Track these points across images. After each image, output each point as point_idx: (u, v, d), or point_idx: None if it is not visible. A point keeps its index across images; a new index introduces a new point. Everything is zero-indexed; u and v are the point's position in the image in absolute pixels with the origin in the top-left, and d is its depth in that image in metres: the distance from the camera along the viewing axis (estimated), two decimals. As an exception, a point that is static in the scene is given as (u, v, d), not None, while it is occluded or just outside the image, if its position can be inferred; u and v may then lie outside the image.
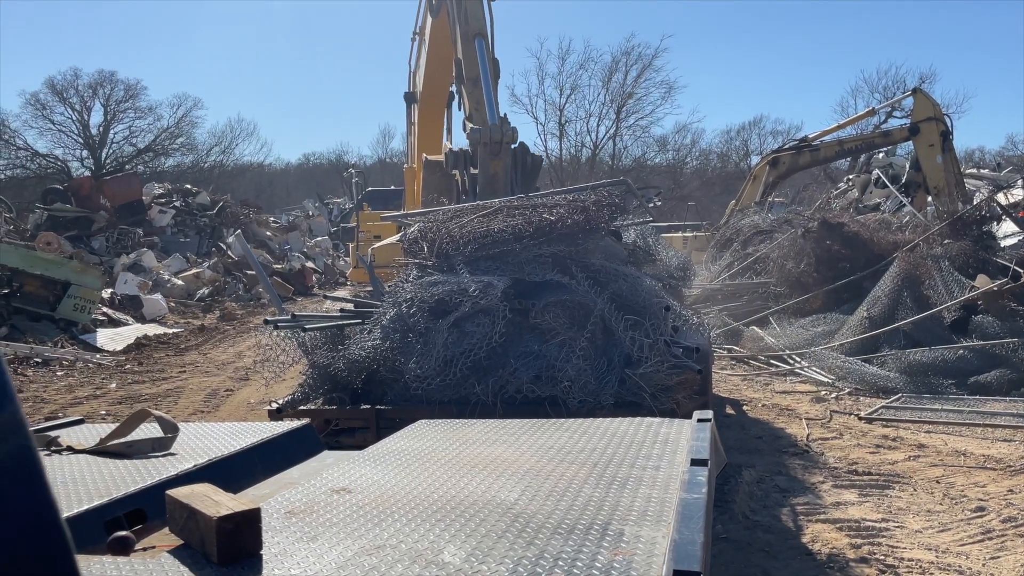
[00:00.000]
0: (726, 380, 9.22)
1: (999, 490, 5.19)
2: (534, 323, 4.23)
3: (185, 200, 25.87)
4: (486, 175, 6.71)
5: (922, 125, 14.76)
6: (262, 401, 8.04)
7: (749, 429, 6.99)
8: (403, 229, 6.85)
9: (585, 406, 3.81)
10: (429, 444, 2.49)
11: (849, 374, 8.74)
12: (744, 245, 13.92)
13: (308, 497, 1.93)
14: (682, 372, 3.99)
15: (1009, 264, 9.49)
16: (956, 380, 8.11)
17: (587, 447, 2.31)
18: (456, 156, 6.99)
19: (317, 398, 4.49)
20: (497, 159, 6.73)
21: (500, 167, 6.75)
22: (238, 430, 2.76)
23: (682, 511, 1.64)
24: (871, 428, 6.92)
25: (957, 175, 14.96)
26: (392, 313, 4.45)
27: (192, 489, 1.72)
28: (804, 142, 16.78)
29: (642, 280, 4.73)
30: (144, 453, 2.39)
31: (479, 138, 6.76)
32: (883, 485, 5.35)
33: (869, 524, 4.62)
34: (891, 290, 9.47)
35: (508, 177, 6.83)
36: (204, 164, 47.33)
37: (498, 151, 6.73)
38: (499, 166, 6.75)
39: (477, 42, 7.49)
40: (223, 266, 21.54)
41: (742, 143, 48.89)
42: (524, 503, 1.79)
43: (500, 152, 6.72)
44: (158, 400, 8.63)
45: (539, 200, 5.61)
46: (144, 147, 44.65)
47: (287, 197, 50.27)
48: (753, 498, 5.09)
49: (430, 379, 4.05)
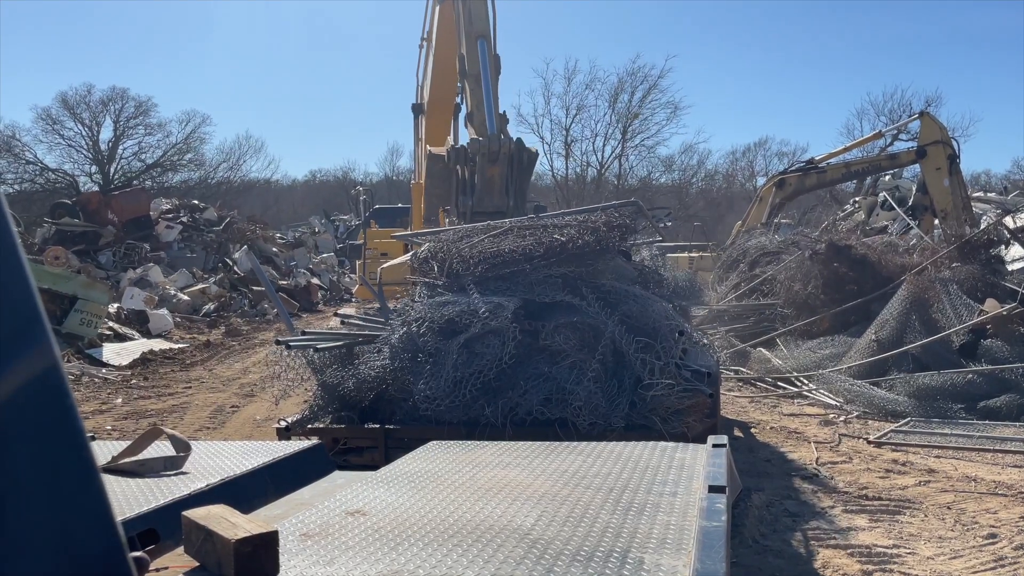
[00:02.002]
0: (733, 402, 9.17)
1: (1011, 516, 5.14)
2: (544, 344, 4.22)
3: (192, 216, 25.99)
4: (483, 178, 7.02)
5: (929, 148, 14.79)
6: (268, 418, 8.02)
7: (758, 452, 6.94)
8: (411, 248, 6.89)
9: (596, 429, 3.79)
10: (442, 466, 2.48)
11: (857, 397, 8.69)
12: (751, 266, 13.90)
13: (323, 519, 1.91)
14: (693, 395, 3.98)
15: (1018, 288, 9.45)
16: (965, 404, 8.06)
17: (602, 471, 2.29)
18: (458, 153, 7.18)
19: (325, 417, 4.48)
20: (495, 166, 7.06)
21: (497, 172, 7.10)
22: (249, 449, 2.75)
23: (702, 539, 1.62)
24: (880, 452, 6.87)
25: (964, 198, 14.97)
26: (402, 332, 4.45)
27: (209, 510, 1.70)
28: (811, 164, 16.81)
29: (652, 301, 4.72)
30: (156, 472, 2.38)
31: (479, 148, 7.05)
32: (894, 511, 5.31)
33: (880, 550, 4.57)
34: (899, 313, 9.44)
35: (504, 180, 7.15)
36: (212, 180, 47.58)
37: (496, 159, 7.04)
38: (496, 171, 7.10)
39: (479, 43, 7.80)
40: (229, 282, 21.59)
41: (748, 164, 49.04)
42: (541, 529, 1.78)
43: (497, 160, 7.03)
44: (164, 416, 8.62)
45: (549, 221, 5.62)
46: (152, 163, 44.93)
47: (293, 214, 50.46)
48: (763, 522, 5.05)
49: (439, 400, 4.03)
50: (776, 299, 12.18)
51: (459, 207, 7.08)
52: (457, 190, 7.19)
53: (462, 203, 7.03)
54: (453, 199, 7.27)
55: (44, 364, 0.76)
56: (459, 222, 7.09)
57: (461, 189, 7.19)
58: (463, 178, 7.21)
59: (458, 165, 7.16)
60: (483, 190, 7.04)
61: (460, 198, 7.08)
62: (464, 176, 7.22)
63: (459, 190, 7.19)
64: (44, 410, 0.77)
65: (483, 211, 7.04)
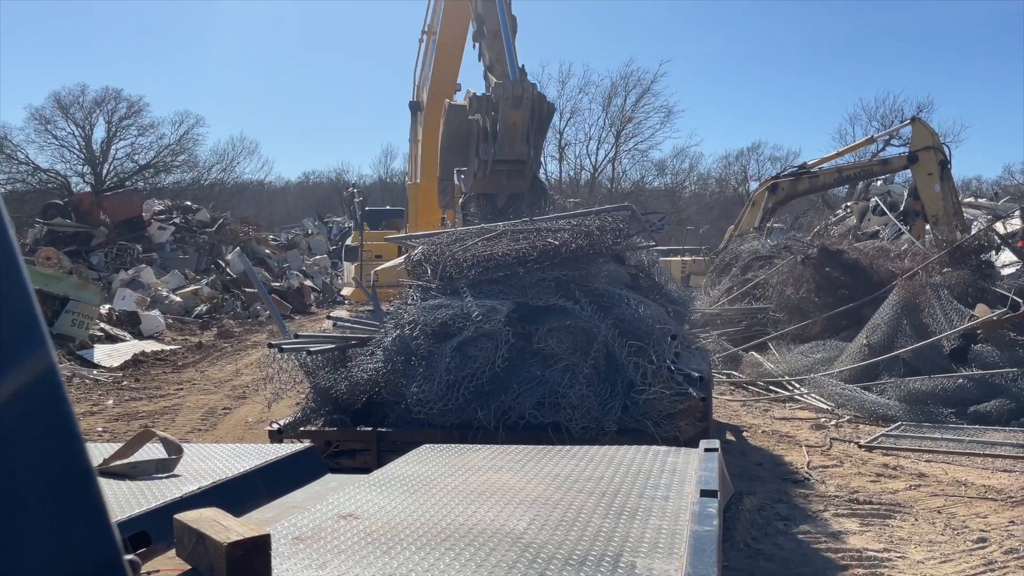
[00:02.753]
0: (725, 406, 9.20)
1: (1000, 521, 5.17)
2: (537, 348, 4.23)
3: (185, 217, 25.91)
4: (506, 124, 7.05)
5: (921, 154, 14.86)
6: (260, 420, 8.01)
7: (749, 456, 6.96)
8: (405, 250, 6.88)
9: (588, 432, 3.80)
10: (434, 469, 2.48)
11: (849, 401, 8.73)
12: (743, 270, 13.94)
13: (315, 522, 1.91)
14: (685, 399, 3.99)
15: (1008, 294, 9.51)
16: (956, 409, 8.10)
17: (594, 475, 2.30)
18: (480, 101, 7.17)
19: (318, 419, 4.47)
20: (517, 111, 7.09)
21: (520, 119, 7.13)
22: (242, 452, 2.75)
23: (694, 544, 1.63)
24: (871, 456, 6.90)
25: (955, 204, 15.04)
26: (395, 335, 4.45)
27: (201, 513, 1.70)
28: (803, 168, 16.87)
29: (645, 305, 4.73)
30: (148, 474, 2.38)
31: (502, 93, 7.06)
32: (884, 515, 5.33)
33: (871, 554, 4.59)
34: (890, 318, 9.48)
35: (525, 128, 7.21)
36: (205, 181, 47.46)
37: (519, 104, 7.07)
38: (519, 117, 7.13)
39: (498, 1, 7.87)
40: (221, 283, 21.53)
41: (740, 168, 49.22)
42: (533, 533, 1.78)
43: (521, 105, 7.07)
44: (155, 417, 8.59)
45: (543, 224, 5.63)
46: (145, 164, 44.80)
47: (286, 215, 50.38)
48: (754, 526, 5.06)
49: (432, 403, 4.03)
50: (768, 303, 12.22)
51: (480, 155, 7.06)
52: (478, 138, 7.19)
53: (484, 151, 7.03)
54: (474, 148, 7.23)
55: (42, 368, 0.76)
56: (479, 172, 7.09)
57: (483, 137, 7.19)
58: (484, 126, 7.22)
59: (480, 112, 7.18)
60: (505, 137, 7.07)
61: (482, 146, 7.09)
62: (486, 124, 7.23)
63: (480, 138, 7.19)
64: (42, 415, 0.77)
65: (504, 159, 7.09)
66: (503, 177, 7.36)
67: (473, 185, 7.48)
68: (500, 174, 7.28)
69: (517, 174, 7.37)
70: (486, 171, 7.14)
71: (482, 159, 7.07)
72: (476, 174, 7.23)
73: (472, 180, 7.40)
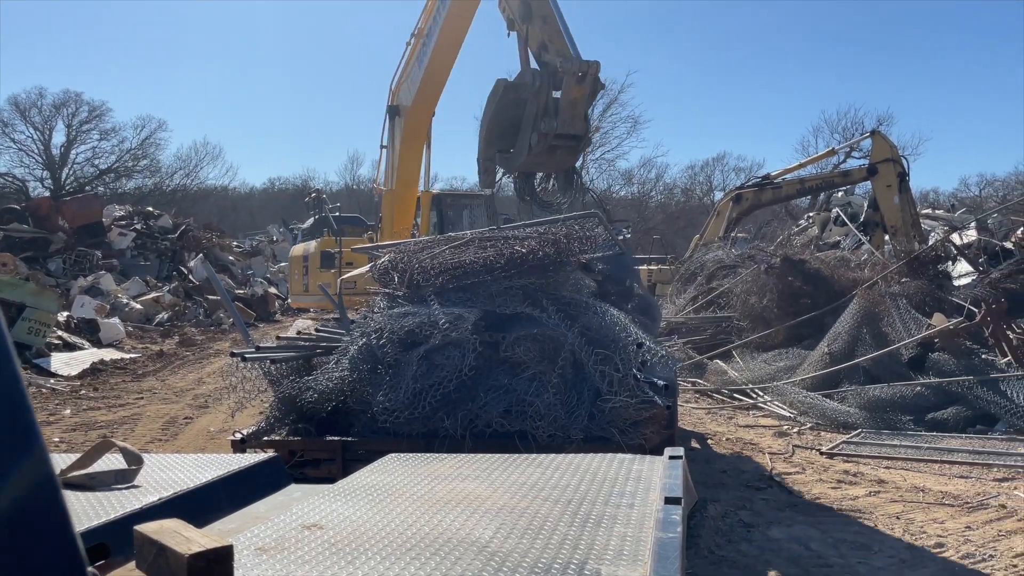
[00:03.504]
0: (691, 413, 9.28)
1: (957, 526, 5.28)
2: (504, 356, 4.23)
3: (146, 223, 25.51)
4: (568, 99, 7.12)
5: (880, 166, 15.16)
6: (223, 430, 7.90)
7: (714, 463, 7.03)
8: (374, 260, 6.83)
9: (555, 441, 3.81)
10: (400, 479, 2.46)
11: (810, 409, 8.86)
12: (708, 279, 14.10)
13: (279, 533, 1.89)
14: (651, 407, 4.01)
15: (964, 303, 9.74)
16: (914, 416, 8.26)
17: (560, 483, 2.31)
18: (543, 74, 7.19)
19: (282, 429, 4.42)
20: (581, 86, 7.17)
21: (582, 94, 7.21)
22: (203, 462, 2.71)
23: (658, 551, 1.64)
24: (832, 463, 7.01)
25: (913, 215, 15.37)
26: (361, 344, 4.42)
27: (161, 524, 1.67)
28: (767, 179, 17.13)
29: (611, 313, 4.76)
30: (107, 485, 2.33)
31: (570, 68, 7.12)
32: (845, 521, 5.41)
33: (833, 560, 4.66)
34: (851, 327, 9.65)
35: (585, 103, 7.33)
36: (167, 187, 46.84)
37: (583, 80, 7.15)
38: (581, 93, 7.20)
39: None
40: (184, 290, 21.22)
41: (706, 179, 49.86)
42: (499, 541, 1.78)
43: (584, 81, 7.16)
44: (114, 427, 8.42)
45: (510, 232, 5.64)
46: (106, 168, 44.06)
47: (251, 222, 49.84)
48: (718, 533, 5.11)
49: (398, 412, 4.01)
50: (732, 312, 12.37)
51: (542, 128, 7.09)
52: (538, 113, 7.21)
53: (546, 124, 7.07)
54: (530, 123, 7.22)
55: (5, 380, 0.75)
56: (537, 147, 7.14)
57: (544, 111, 7.22)
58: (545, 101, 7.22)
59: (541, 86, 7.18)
60: (566, 112, 7.13)
61: (544, 120, 7.12)
62: (547, 99, 7.24)
63: (541, 112, 7.21)
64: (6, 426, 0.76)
65: (564, 133, 7.14)
66: (556, 153, 7.41)
67: (524, 162, 7.48)
68: (555, 149, 7.32)
69: (571, 150, 7.45)
70: (543, 146, 7.18)
71: (543, 132, 7.10)
72: (532, 148, 7.22)
73: (523, 156, 7.37)
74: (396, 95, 11.85)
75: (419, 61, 11.11)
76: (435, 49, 10.62)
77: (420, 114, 11.55)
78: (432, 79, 10.96)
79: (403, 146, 11.84)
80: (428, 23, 10.91)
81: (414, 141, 11.94)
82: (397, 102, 11.80)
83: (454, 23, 10.18)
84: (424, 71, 10.95)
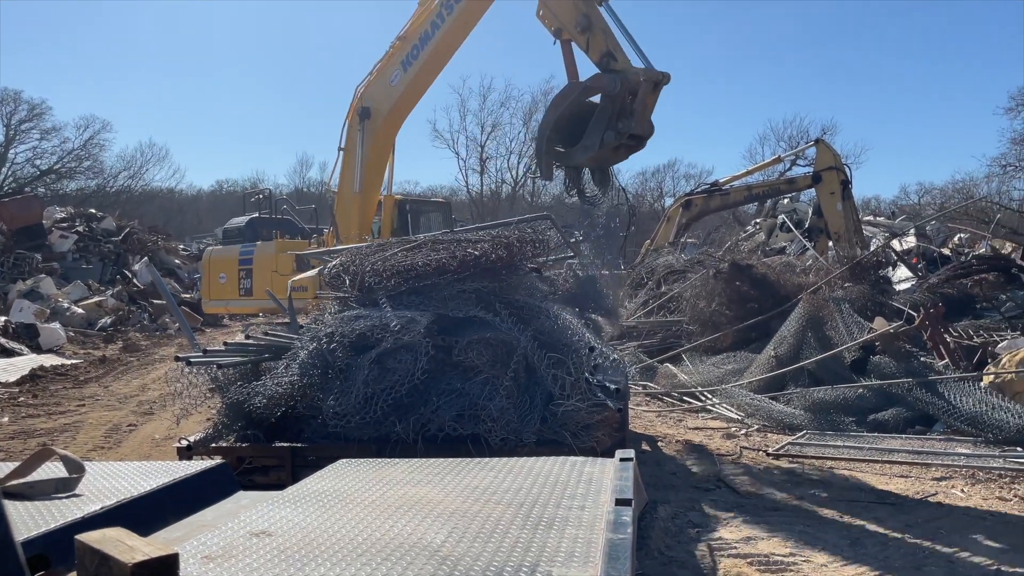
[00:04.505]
0: (641, 416, 9.37)
1: (898, 524, 5.43)
2: (457, 360, 4.23)
3: (89, 225, 24.85)
4: (642, 104, 7.87)
5: (824, 174, 15.56)
6: (168, 437, 7.72)
7: (664, 465, 7.12)
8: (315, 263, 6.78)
9: (507, 444, 3.82)
10: (351, 484, 2.45)
11: (757, 411, 9.02)
12: (658, 284, 14.27)
13: (226, 541, 1.86)
14: (602, 410, 4.05)
15: (903, 308, 10.04)
16: (856, 418, 8.46)
17: (513, 487, 2.32)
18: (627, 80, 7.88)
19: (230, 435, 4.34)
20: (654, 95, 7.98)
21: (653, 101, 8.03)
22: (147, 469, 2.65)
23: (609, 552, 1.66)
24: (778, 464, 7.15)
25: (856, 222, 15.80)
26: (311, 348, 4.37)
27: (104, 533, 1.63)
28: (715, 186, 17.43)
29: (564, 317, 4.79)
30: (47, 494, 2.27)
31: (650, 76, 7.93)
32: (790, 520, 5.53)
33: (778, 558, 4.76)
34: (796, 330, 9.86)
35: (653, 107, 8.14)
36: (111, 188, 45.69)
37: (656, 89, 7.98)
38: (654, 100, 8.03)
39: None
40: (128, 294, 20.71)
41: (656, 185, 50.49)
42: (451, 545, 1.78)
43: (656, 90, 7.98)
44: (54, 435, 8.17)
45: (463, 235, 5.64)
46: (47, 169, 42.79)
47: (198, 224, 48.89)
48: (668, 534, 5.17)
49: (349, 416, 3.98)
50: (682, 316, 12.53)
51: (620, 128, 7.83)
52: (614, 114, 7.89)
53: (623, 124, 7.81)
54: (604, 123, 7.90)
55: None
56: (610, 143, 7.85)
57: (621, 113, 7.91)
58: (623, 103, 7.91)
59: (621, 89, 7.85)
60: (640, 114, 7.91)
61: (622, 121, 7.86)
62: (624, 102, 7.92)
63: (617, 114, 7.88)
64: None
65: (635, 134, 7.92)
66: (620, 151, 8.17)
67: (591, 158, 8.17)
68: (619, 148, 8.06)
69: (631, 149, 8.19)
70: (615, 144, 7.90)
71: (620, 131, 7.80)
72: (604, 145, 7.88)
73: (593, 152, 8.02)
74: (366, 98, 11.68)
75: (403, 65, 11.10)
76: (431, 54, 10.75)
77: (396, 118, 11.61)
78: (418, 84, 11.10)
79: (372, 150, 11.71)
80: (422, 27, 10.91)
81: (385, 145, 11.90)
82: (367, 104, 11.63)
83: (459, 27, 10.48)
84: (412, 75, 11.01)
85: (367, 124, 11.65)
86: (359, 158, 11.81)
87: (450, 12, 10.45)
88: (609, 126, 7.85)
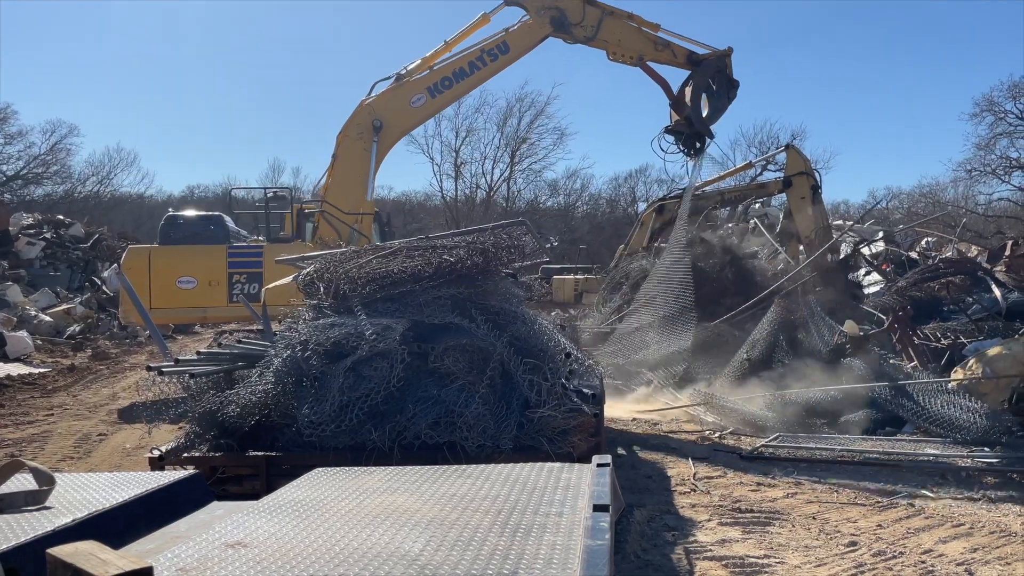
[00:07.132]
0: (616, 421, 9.40)
1: (869, 525, 5.51)
2: (433, 367, 4.22)
3: (56, 231, 24.44)
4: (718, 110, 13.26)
5: (794, 179, 15.72)
6: (140, 447, 7.62)
7: (639, 468, 7.15)
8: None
9: (484, 451, 3.82)
10: (327, 494, 2.43)
11: (731, 414, 9.09)
12: (633, 288, 14.34)
13: (201, 552, 1.84)
14: (578, 416, 4.07)
15: (873, 311, 10.19)
16: (828, 420, 8.57)
17: (490, 494, 2.32)
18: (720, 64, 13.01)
19: (203, 444, 4.29)
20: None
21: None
22: (119, 480, 2.61)
23: (587, 558, 1.67)
24: (752, 466, 7.21)
25: (825, 226, 15.99)
26: (286, 356, 4.34)
27: (76, 547, 1.61)
28: (688, 191, 17.53)
29: (540, 323, 4.81)
30: (17, 507, 2.23)
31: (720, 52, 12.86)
32: (764, 522, 5.58)
33: (752, 560, 4.80)
34: (768, 334, 9.97)
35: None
36: (79, 194, 44.93)
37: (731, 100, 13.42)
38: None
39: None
40: (97, 302, 20.39)
41: (629, 190, 50.66)
42: (429, 554, 1.78)
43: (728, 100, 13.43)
44: (22, 446, 8.02)
45: (439, 241, 5.64)
46: (12, 175, 42.01)
47: (169, 230, 48.16)
48: (644, 537, 5.20)
49: (325, 425, 3.95)
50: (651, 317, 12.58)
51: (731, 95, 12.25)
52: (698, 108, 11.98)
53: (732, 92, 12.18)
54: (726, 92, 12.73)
55: None
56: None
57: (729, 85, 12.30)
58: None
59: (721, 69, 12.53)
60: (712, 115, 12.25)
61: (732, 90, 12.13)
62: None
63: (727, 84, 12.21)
64: None
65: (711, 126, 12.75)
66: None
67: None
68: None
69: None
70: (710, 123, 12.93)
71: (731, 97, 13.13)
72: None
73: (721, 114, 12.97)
74: (379, 113, 12.10)
75: (430, 92, 12.06)
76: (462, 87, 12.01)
77: (404, 133, 12.71)
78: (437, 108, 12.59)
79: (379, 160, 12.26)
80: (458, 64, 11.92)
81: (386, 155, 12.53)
82: (380, 119, 12.10)
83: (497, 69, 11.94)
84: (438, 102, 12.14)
85: (379, 137, 12.13)
86: (372, 169, 12.26)
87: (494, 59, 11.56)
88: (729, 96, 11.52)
